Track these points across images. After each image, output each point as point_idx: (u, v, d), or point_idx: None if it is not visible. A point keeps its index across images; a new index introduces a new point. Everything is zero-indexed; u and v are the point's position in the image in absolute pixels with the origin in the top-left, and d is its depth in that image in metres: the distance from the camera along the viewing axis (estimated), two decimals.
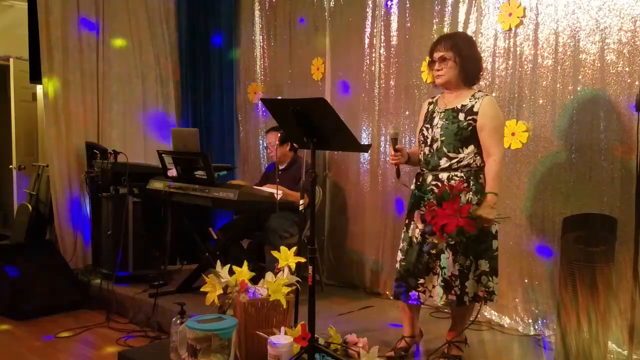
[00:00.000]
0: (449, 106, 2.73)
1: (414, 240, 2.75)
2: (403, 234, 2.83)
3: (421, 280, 2.73)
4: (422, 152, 2.82)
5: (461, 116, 2.67)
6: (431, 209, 2.52)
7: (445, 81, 2.73)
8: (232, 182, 4.36)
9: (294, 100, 2.58)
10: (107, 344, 3.45)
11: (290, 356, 2.36)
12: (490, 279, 2.70)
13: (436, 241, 2.59)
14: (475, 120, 2.65)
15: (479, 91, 2.74)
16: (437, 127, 2.73)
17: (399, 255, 2.82)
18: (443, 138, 2.69)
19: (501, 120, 2.75)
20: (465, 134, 2.66)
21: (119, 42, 5.15)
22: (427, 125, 2.80)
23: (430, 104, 2.88)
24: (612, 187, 3.02)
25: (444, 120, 2.71)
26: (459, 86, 2.74)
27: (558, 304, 2.82)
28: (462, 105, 2.69)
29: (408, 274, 2.75)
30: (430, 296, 2.72)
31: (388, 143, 4.05)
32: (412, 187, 2.87)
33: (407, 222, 2.83)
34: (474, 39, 3.51)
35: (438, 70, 2.72)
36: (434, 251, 2.68)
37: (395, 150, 2.77)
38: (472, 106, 2.67)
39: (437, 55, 2.72)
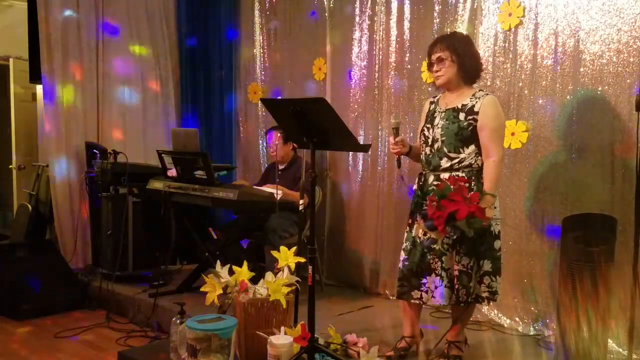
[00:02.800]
0: (450, 106, 2.73)
1: (417, 240, 2.75)
2: (406, 234, 2.83)
3: (423, 280, 2.73)
4: (423, 152, 2.82)
5: (461, 116, 2.67)
6: (432, 203, 2.52)
7: (444, 81, 2.73)
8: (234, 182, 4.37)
9: (293, 100, 2.58)
10: (107, 344, 3.45)
11: (290, 356, 2.36)
12: (494, 279, 2.70)
13: (435, 237, 2.58)
14: (475, 120, 2.65)
15: (479, 90, 2.74)
16: (438, 127, 2.73)
17: (402, 255, 2.82)
18: (444, 138, 2.69)
19: (502, 121, 2.74)
20: (465, 134, 2.65)
21: (119, 42, 5.14)
22: (428, 125, 2.80)
23: (431, 103, 2.88)
24: (612, 187, 3.02)
25: (445, 120, 2.71)
26: (460, 85, 2.74)
27: (558, 304, 2.82)
28: (463, 105, 2.69)
29: (411, 273, 2.75)
30: (433, 297, 2.71)
31: (387, 135, 4.05)
32: (415, 187, 2.87)
33: (410, 222, 2.83)
34: (474, 38, 3.52)
35: (437, 71, 2.73)
36: (435, 246, 2.67)
37: (396, 140, 2.77)
38: (473, 106, 2.66)
39: (434, 56, 2.73)
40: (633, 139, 2.85)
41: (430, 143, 2.76)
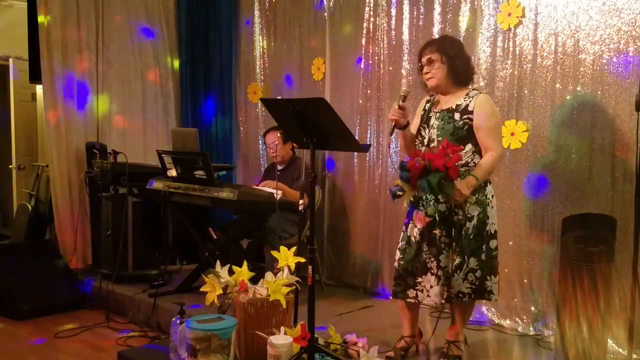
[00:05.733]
0: (444, 107, 2.74)
1: (413, 239, 2.75)
2: (402, 233, 2.83)
3: (419, 279, 2.73)
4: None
5: (457, 116, 2.68)
6: (416, 157, 2.48)
7: (435, 84, 2.73)
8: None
9: (293, 100, 2.58)
10: (107, 344, 3.45)
11: (290, 356, 2.36)
12: (489, 278, 2.70)
13: (406, 189, 2.53)
14: (470, 119, 2.65)
15: (473, 90, 2.75)
16: (434, 128, 2.73)
17: (398, 254, 2.82)
18: (439, 138, 2.70)
19: (498, 118, 2.75)
20: (461, 134, 2.66)
21: (118, 42, 5.15)
22: (424, 125, 2.80)
23: (427, 102, 2.88)
24: (612, 187, 3.02)
25: (440, 120, 2.72)
26: (451, 88, 2.74)
27: (558, 304, 2.82)
28: (457, 105, 2.70)
29: (406, 272, 2.75)
30: (428, 295, 2.72)
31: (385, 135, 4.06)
32: None
33: (406, 221, 2.83)
34: (474, 38, 3.53)
35: (426, 73, 2.73)
36: (400, 193, 2.58)
37: (400, 105, 2.72)
38: (467, 105, 2.67)
39: (424, 58, 2.73)
40: (633, 139, 2.85)
41: (426, 143, 2.77)
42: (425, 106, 2.87)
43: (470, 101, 2.67)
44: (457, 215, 2.64)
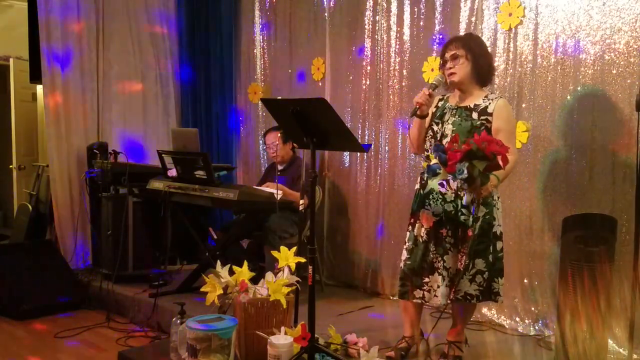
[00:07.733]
0: (461, 104, 2.74)
1: (419, 239, 2.75)
2: (408, 233, 2.82)
3: (426, 279, 2.72)
4: (430, 148, 2.80)
5: (474, 115, 2.68)
6: (454, 144, 2.44)
7: (459, 79, 2.71)
8: None
9: (294, 100, 2.58)
10: (107, 344, 3.45)
11: (290, 356, 2.36)
12: (496, 280, 2.70)
13: (440, 171, 2.50)
14: (488, 121, 2.65)
15: (491, 93, 2.76)
16: (449, 124, 2.72)
17: (404, 254, 2.81)
18: (454, 135, 2.68)
19: (514, 123, 2.80)
20: (478, 133, 2.65)
21: (119, 43, 5.14)
22: (436, 121, 2.79)
23: (440, 100, 2.87)
24: (612, 187, 3.02)
25: (456, 116, 2.71)
26: (472, 86, 2.74)
27: (558, 304, 2.82)
28: (475, 105, 2.70)
29: (413, 272, 2.75)
30: (435, 295, 2.71)
31: (387, 135, 4.06)
32: (417, 186, 2.86)
33: (412, 221, 2.82)
34: None
35: (450, 68, 2.72)
36: (439, 171, 2.55)
37: (430, 92, 2.67)
38: (486, 107, 2.67)
39: (448, 54, 2.73)
40: (633, 139, 2.85)
41: (438, 138, 2.75)
42: (438, 104, 2.86)
43: (490, 103, 2.68)
44: (463, 215, 2.64)
